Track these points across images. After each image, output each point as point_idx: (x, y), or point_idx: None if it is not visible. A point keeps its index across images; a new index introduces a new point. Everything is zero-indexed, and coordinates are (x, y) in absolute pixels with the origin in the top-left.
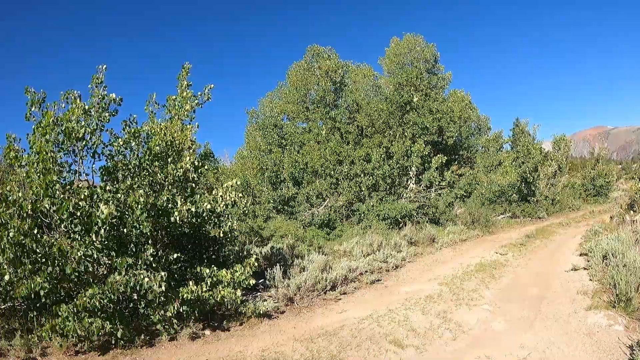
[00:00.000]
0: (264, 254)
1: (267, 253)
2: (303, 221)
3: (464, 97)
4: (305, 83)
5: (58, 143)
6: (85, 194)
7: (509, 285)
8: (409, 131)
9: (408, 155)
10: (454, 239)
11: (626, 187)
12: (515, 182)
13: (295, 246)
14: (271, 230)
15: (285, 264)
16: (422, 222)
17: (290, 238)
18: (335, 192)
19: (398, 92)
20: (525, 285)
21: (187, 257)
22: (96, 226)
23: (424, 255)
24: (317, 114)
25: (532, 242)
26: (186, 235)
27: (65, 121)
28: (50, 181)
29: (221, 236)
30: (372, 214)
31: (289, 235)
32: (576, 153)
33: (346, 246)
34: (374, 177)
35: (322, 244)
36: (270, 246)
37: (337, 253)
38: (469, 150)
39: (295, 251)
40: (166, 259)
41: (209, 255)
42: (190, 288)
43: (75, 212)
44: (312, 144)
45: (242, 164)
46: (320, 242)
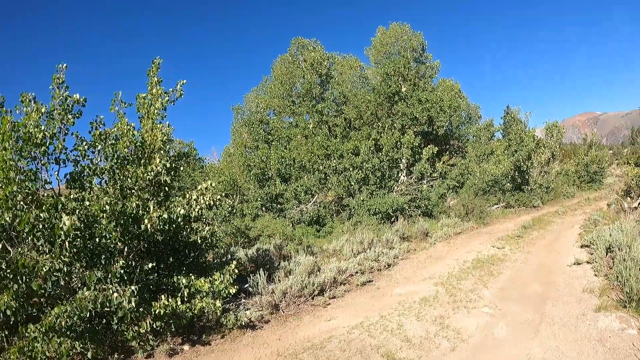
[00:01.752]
0: (250, 256)
1: (253, 255)
2: (292, 218)
3: (453, 85)
4: (290, 76)
5: (18, 150)
6: (47, 205)
7: (509, 282)
8: (398, 122)
9: (398, 147)
10: (448, 232)
11: (618, 173)
12: (508, 171)
13: (282, 246)
14: (258, 229)
15: (271, 267)
16: (415, 215)
17: (278, 237)
18: (324, 188)
19: (386, 82)
20: (526, 282)
21: (165, 265)
22: (59, 239)
23: (418, 251)
24: (304, 107)
25: (529, 233)
26: (163, 243)
27: (22, 126)
28: (11, 192)
29: (199, 242)
30: (363, 209)
31: (276, 235)
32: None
33: (336, 244)
34: (363, 170)
35: (312, 242)
36: (256, 248)
37: (326, 252)
38: (460, 140)
39: (284, 251)
40: (141, 269)
41: (189, 262)
42: (162, 302)
43: (37, 225)
44: (299, 138)
45: (229, 162)
46: (309, 240)
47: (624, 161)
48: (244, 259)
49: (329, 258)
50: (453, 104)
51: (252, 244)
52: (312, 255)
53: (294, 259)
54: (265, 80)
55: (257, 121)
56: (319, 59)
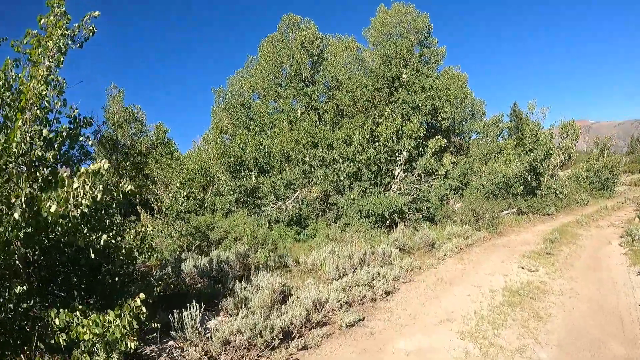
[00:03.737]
0: (201, 269)
1: (205, 267)
2: (269, 217)
3: (460, 75)
4: (278, 55)
5: None
6: None
7: (568, 335)
8: (398, 111)
9: (399, 137)
10: (458, 243)
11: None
12: (522, 173)
13: (248, 254)
14: (224, 229)
15: (224, 287)
16: (416, 219)
17: (246, 241)
18: (309, 182)
19: (385, 65)
20: (594, 336)
21: (47, 289)
22: None
23: (424, 270)
24: (291, 90)
25: (559, 249)
26: (47, 254)
27: None
28: None
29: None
30: (353, 209)
31: (245, 237)
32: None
33: (316, 257)
34: (356, 163)
35: (289, 247)
36: (214, 255)
37: (303, 267)
38: (462, 137)
39: (252, 259)
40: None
41: (88, 285)
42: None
43: None
44: (284, 125)
45: (208, 150)
46: (286, 244)
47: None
48: (193, 272)
49: (305, 276)
50: (459, 95)
51: (214, 248)
52: (285, 270)
53: (255, 278)
54: (250, 60)
55: (238, 104)
56: (311, 38)
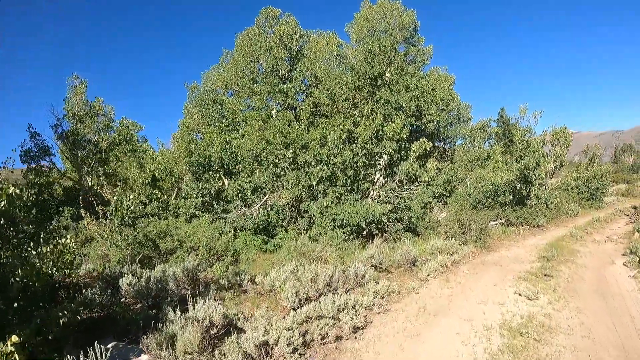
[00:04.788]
0: (139, 287)
1: (141, 288)
2: (234, 223)
3: (447, 76)
4: (255, 49)
5: None
6: None
7: None
8: (380, 111)
9: (379, 139)
10: (443, 261)
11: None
12: (512, 181)
13: (198, 270)
14: (180, 237)
15: (159, 314)
16: (396, 231)
17: (201, 252)
18: (279, 186)
19: (368, 62)
20: None
21: None
22: None
23: (403, 296)
24: (265, 87)
25: (557, 269)
26: None
27: None
28: None
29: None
30: (326, 218)
31: (200, 247)
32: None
33: (276, 277)
34: (330, 166)
35: (254, 257)
36: (158, 270)
37: (260, 288)
38: (448, 142)
39: (205, 274)
40: None
41: None
42: None
43: None
44: (255, 123)
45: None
46: (251, 254)
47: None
48: (129, 292)
49: (262, 300)
50: (445, 97)
51: (164, 259)
52: (239, 290)
53: (193, 306)
54: (226, 54)
55: (210, 101)
56: (290, 32)
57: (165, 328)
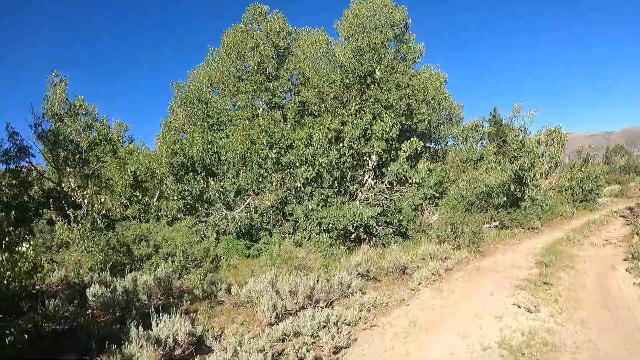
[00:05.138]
0: (106, 298)
1: (108, 298)
2: (217, 227)
3: (438, 75)
4: (241, 46)
5: None
6: None
7: None
8: (369, 110)
9: (367, 138)
10: (435, 268)
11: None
12: (506, 182)
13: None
14: (157, 242)
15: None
16: (386, 235)
17: (177, 259)
18: (263, 188)
19: (357, 59)
20: None
21: None
22: None
23: (391, 307)
24: (251, 85)
25: (556, 276)
26: None
27: None
28: None
29: None
30: (311, 222)
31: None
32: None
33: (253, 287)
34: (315, 167)
35: (235, 263)
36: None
37: (236, 299)
38: (439, 142)
39: (181, 283)
40: None
41: None
42: None
43: None
44: (241, 122)
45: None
46: (232, 260)
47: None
48: (95, 303)
49: (237, 313)
50: (437, 96)
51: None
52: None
53: (156, 323)
54: (212, 52)
55: (195, 99)
56: (277, 29)
57: (125, 348)
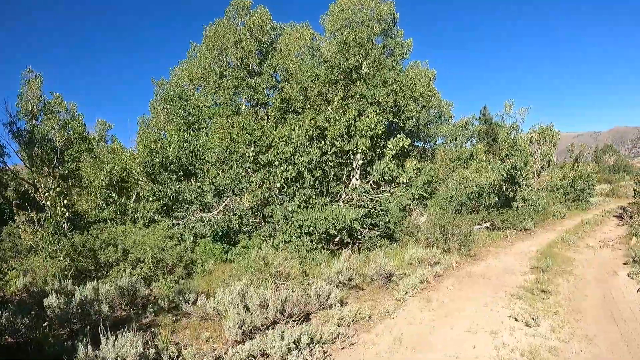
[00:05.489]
0: (58, 312)
1: (61, 312)
2: (193, 230)
3: (427, 71)
4: (224, 42)
5: None
6: None
7: None
8: (355, 106)
9: (351, 135)
10: (423, 275)
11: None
12: (498, 182)
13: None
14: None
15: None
16: (371, 238)
17: (146, 265)
18: (243, 188)
19: (343, 54)
20: None
21: None
22: None
23: (374, 322)
24: (232, 80)
25: (554, 282)
26: None
27: None
28: None
29: None
30: (291, 224)
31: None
32: None
33: (222, 298)
34: (295, 166)
35: (210, 269)
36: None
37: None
38: (427, 141)
39: (150, 292)
40: None
41: None
42: None
43: None
44: (221, 120)
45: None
46: (207, 265)
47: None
48: (51, 315)
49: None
50: (426, 93)
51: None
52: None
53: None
54: (193, 47)
55: (176, 97)
56: (260, 23)
57: None
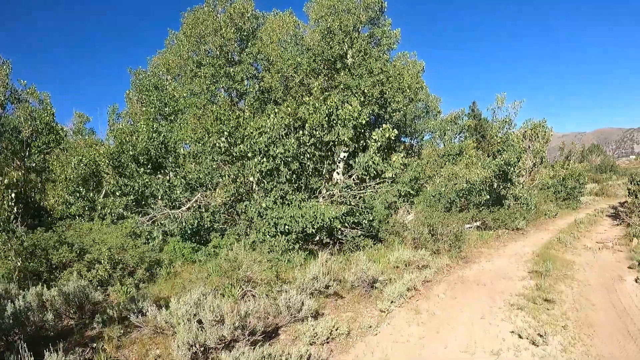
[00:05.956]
0: None
1: None
2: (164, 227)
3: (415, 62)
4: (201, 29)
5: None
6: None
7: None
8: (338, 98)
9: (332, 125)
10: (411, 281)
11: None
12: (489, 178)
13: (87, 292)
14: (86, 245)
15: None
16: (353, 238)
17: (101, 266)
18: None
19: (327, 42)
20: None
21: None
22: None
23: (354, 339)
24: (209, 69)
25: (556, 289)
26: None
27: None
28: None
29: None
30: (266, 222)
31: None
32: None
33: (175, 308)
34: (270, 158)
35: (177, 271)
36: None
37: (154, 325)
38: (414, 137)
39: (106, 297)
40: None
41: None
42: None
43: None
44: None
45: None
46: (171, 268)
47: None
48: None
49: (153, 342)
50: (414, 84)
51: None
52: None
53: None
54: (172, 35)
55: (152, 87)
56: (241, 9)
57: None
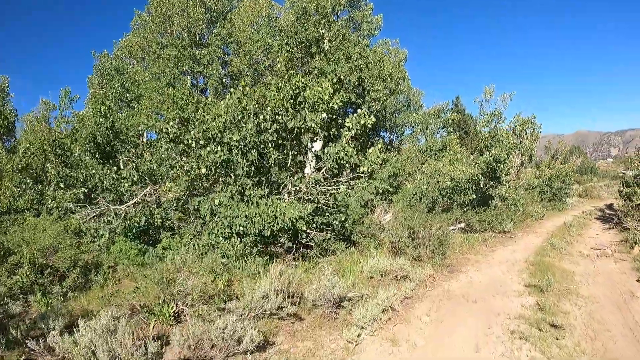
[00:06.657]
0: None
1: None
2: (110, 224)
3: (398, 50)
4: (167, 9)
5: None
6: None
7: None
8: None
9: (297, 109)
10: (387, 300)
11: None
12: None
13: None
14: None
15: None
16: (324, 241)
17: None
18: (167, 176)
19: (301, 23)
20: None
21: None
22: None
23: None
24: (172, 50)
25: (561, 309)
26: None
27: None
28: None
29: None
30: (219, 223)
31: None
32: None
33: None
34: (225, 147)
35: (119, 277)
36: None
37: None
38: (393, 131)
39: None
40: None
41: None
42: None
43: None
44: (149, 93)
45: None
46: (110, 273)
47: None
48: None
49: None
50: (395, 73)
51: None
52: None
53: None
54: (138, 16)
55: (113, 70)
56: None
57: None
